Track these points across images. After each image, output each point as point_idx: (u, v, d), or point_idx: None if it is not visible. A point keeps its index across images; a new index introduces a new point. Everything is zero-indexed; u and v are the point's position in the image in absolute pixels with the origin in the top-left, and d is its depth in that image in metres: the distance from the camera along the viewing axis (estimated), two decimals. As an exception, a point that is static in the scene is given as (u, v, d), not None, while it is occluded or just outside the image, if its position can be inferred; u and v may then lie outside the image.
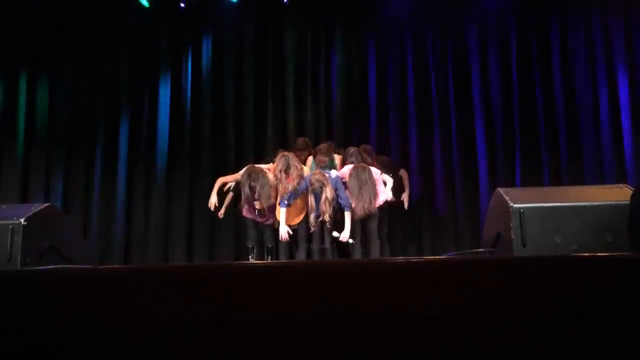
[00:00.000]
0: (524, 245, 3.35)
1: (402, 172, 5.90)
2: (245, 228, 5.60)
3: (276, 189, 5.14)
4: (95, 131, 7.03)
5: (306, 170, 5.33)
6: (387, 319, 1.53)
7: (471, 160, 6.68)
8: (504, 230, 3.55)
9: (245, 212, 5.38)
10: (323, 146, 5.65)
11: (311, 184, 5.01)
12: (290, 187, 5.03)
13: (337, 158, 5.65)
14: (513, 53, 6.75)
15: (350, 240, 5.07)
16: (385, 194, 5.23)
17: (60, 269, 2.92)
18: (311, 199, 5.05)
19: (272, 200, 5.19)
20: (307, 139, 6.14)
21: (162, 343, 1.56)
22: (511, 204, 3.45)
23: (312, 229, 5.13)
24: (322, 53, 7.13)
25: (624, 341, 1.48)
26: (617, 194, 3.55)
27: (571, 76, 6.59)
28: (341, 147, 5.98)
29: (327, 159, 5.41)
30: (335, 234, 5.09)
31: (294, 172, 5.05)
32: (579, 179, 6.29)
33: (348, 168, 5.19)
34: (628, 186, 3.78)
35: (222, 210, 5.55)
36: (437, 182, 6.69)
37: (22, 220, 3.43)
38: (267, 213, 5.24)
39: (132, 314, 1.58)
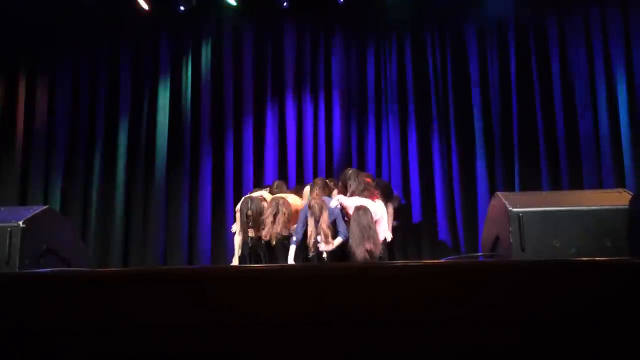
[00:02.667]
0: (522, 250, 3.35)
1: (389, 208, 5.52)
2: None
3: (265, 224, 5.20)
4: (95, 134, 7.04)
5: (300, 203, 5.34)
6: (385, 323, 1.53)
7: (470, 165, 6.69)
8: (503, 235, 3.55)
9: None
10: (320, 179, 5.59)
11: (310, 208, 5.00)
12: (277, 229, 5.09)
13: (335, 195, 5.46)
14: (512, 57, 6.75)
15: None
16: (384, 232, 5.13)
17: (59, 271, 2.92)
18: (311, 223, 5.00)
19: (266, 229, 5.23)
20: (281, 182, 6.01)
21: (160, 346, 1.56)
22: (510, 208, 3.45)
23: (311, 252, 5.05)
24: (322, 57, 7.14)
25: (623, 347, 1.48)
26: (616, 199, 3.55)
27: (570, 80, 6.60)
28: (334, 179, 5.88)
29: (325, 192, 5.33)
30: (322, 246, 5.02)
31: (280, 218, 5.10)
32: (578, 184, 6.29)
33: (350, 202, 5.03)
34: (627, 190, 3.78)
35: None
36: (437, 185, 6.68)
37: (20, 222, 3.43)
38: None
39: (130, 317, 1.58)
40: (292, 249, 5.05)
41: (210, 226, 6.82)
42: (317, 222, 4.98)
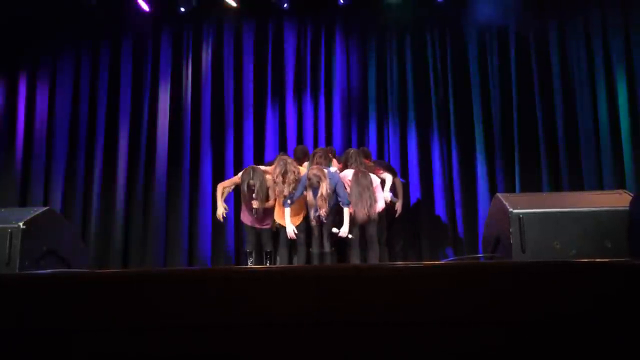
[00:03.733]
0: (523, 251, 3.36)
1: (396, 181, 5.76)
2: (244, 233, 5.64)
3: (274, 191, 5.17)
4: (95, 134, 7.04)
5: (303, 171, 5.34)
6: (385, 324, 1.53)
7: (470, 166, 6.68)
8: (504, 236, 3.56)
9: (244, 218, 5.44)
10: (320, 149, 5.66)
11: (309, 179, 5.04)
12: (286, 191, 5.06)
13: (335, 165, 5.64)
14: (512, 57, 6.75)
15: (350, 236, 5.10)
16: (383, 199, 5.25)
17: (59, 272, 2.92)
18: (309, 195, 5.06)
19: (271, 202, 5.23)
20: (305, 147, 6.15)
21: (160, 347, 1.56)
22: (510, 210, 3.45)
23: (313, 222, 5.16)
24: (322, 57, 7.14)
25: (623, 347, 1.48)
26: (616, 200, 3.56)
27: (570, 80, 6.60)
28: (340, 155, 5.99)
29: (325, 162, 5.41)
30: (334, 230, 5.12)
31: (290, 177, 5.08)
32: (578, 184, 6.29)
33: (349, 172, 5.21)
34: (627, 192, 3.79)
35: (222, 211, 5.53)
36: (436, 187, 6.68)
37: (21, 224, 3.43)
38: (264, 216, 5.27)
39: (130, 318, 1.58)
40: (287, 211, 5.11)
41: (210, 226, 6.81)
42: (315, 192, 5.02)
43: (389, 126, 6.92)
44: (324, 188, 4.98)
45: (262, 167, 5.42)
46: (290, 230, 5.10)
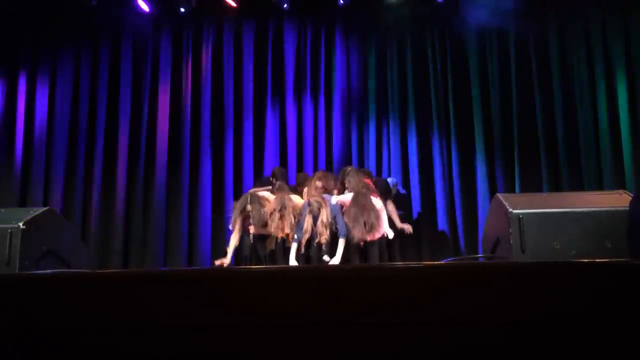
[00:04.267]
0: (523, 251, 3.35)
1: (389, 208, 5.52)
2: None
3: (271, 222, 5.07)
4: (95, 134, 7.04)
5: (299, 200, 5.29)
6: (385, 324, 1.53)
7: (470, 166, 6.68)
8: (503, 236, 3.56)
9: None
10: (321, 172, 5.60)
11: (309, 205, 4.97)
12: (287, 229, 5.00)
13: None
14: (512, 57, 6.75)
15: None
16: (385, 228, 5.13)
17: (59, 272, 2.92)
18: (309, 221, 4.97)
19: (268, 229, 5.16)
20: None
21: (160, 347, 1.56)
22: (510, 210, 3.45)
23: (302, 250, 5.06)
24: (322, 57, 7.14)
25: (623, 348, 1.48)
26: (616, 200, 3.56)
27: (570, 80, 6.60)
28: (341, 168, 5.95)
29: (325, 184, 5.32)
30: (326, 257, 4.99)
31: (287, 215, 4.97)
32: (578, 184, 6.29)
33: (350, 195, 5.08)
34: (627, 192, 3.79)
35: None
36: (436, 187, 6.68)
37: (21, 224, 3.43)
38: (259, 239, 5.31)
39: (130, 318, 1.58)
40: (294, 247, 5.01)
41: (210, 226, 6.82)
42: (315, 219, 4.96)
43: (388, 126, 6.92)
44: (324, 215, 4.89)
45: (261, 193, 5.38)
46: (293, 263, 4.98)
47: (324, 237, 4.92)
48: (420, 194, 6.67)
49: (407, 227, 5.52)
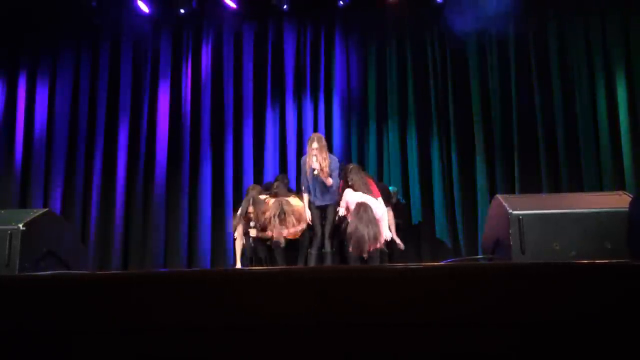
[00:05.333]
0: (522, 252, 3.35)
1: (388, 215, 5.45)
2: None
3: (271, 227, 5.13)
4: (95, 134, 7.05)
5: (297, 204, 5.32)
6: (385, 325, 1.53)
7: (470, 166, 6.68)
8: (503, 237, 3.55)
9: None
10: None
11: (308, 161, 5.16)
12: (285, 233, 5.08)
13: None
14: (512, 57, 6.75)
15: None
16: (385, 231, 5.11)
17: (59, 274, 2.92)
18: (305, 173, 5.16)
19: (268, 233, 5.19)
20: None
21: (160, 348, 1.56)
22: (510, 211, 3.45)
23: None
24: (322, 58, 7.14)
25: (623, 349, 1.48)
26: (616, 201, 3.55)
27: (570, 81, 6.60)
28: (342, 162, 5.93)
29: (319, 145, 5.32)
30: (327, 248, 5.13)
31: (290, 218, 5.05)
32: (578, 185, 6.29)
33: (354, 197, 4.98)
34: (626, 193, 3.78)
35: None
36: (436, 187, 6.68)
37: (20, 225, 3.42)
38: (259, 241, 5.33)
39: (130, 320, 1.58)
40: (305, 197, 5.30)
41: (210, 226, 6.82)
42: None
43: (388, 127, 6.92)
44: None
45: (263, 197, 5.39)
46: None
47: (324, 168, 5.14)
48: (420, 194, 6.67)
49: (400, 243, 5.56)
